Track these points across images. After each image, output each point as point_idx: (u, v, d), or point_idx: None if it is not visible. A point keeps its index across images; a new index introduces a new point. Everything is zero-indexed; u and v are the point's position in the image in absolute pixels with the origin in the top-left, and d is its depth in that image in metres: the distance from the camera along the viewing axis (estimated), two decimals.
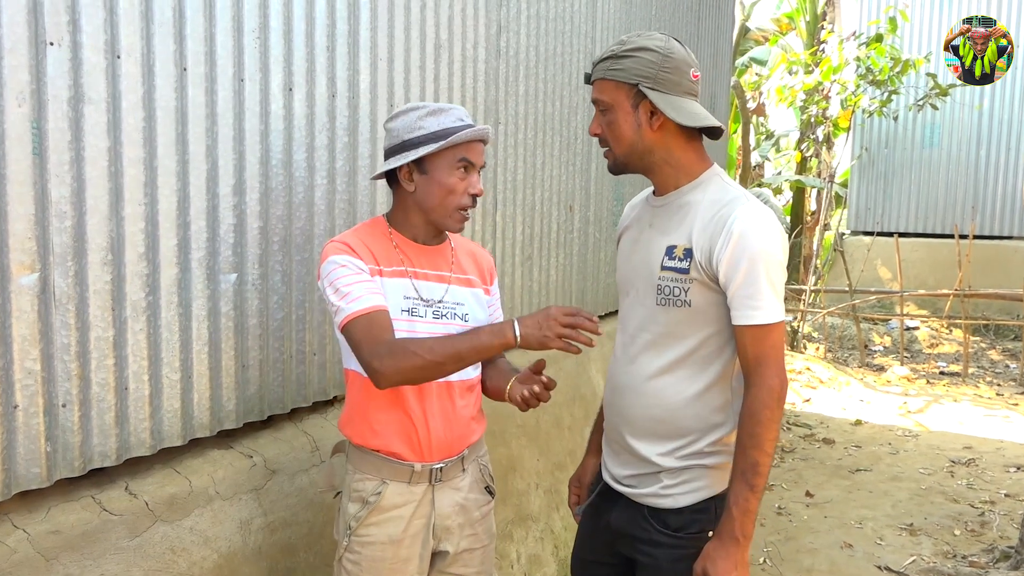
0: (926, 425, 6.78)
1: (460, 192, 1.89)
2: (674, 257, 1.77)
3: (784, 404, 1.72)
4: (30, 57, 1.59)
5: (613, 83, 1.77)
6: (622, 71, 1.74)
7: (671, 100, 1.74)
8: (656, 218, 1.87)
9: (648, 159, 1.82)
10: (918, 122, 11.03)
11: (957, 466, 5.65)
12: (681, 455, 1.81)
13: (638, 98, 1.75)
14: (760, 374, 1.69)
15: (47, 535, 1.66)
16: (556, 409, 3.80)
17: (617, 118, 1.78)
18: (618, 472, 1.93)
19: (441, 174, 1.87)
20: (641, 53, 1.73)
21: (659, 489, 1.83)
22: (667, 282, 1.78)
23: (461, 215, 1.92)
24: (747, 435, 1.69)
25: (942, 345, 9.86)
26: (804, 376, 8.22)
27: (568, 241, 4.08)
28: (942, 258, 10.62)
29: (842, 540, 4.28)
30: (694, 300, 1.76)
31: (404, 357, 1.73)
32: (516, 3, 3.39)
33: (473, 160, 1.89)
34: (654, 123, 1.77)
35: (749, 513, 1.67)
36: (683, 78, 1.75)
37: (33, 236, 1.62)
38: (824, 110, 10.94)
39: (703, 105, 1.83)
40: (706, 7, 6.17)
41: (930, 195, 11.11)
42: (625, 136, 1.79)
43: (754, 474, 1.67)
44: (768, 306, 1.69)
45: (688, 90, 1.77)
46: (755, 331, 1.70)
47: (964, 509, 4.81)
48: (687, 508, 1.80)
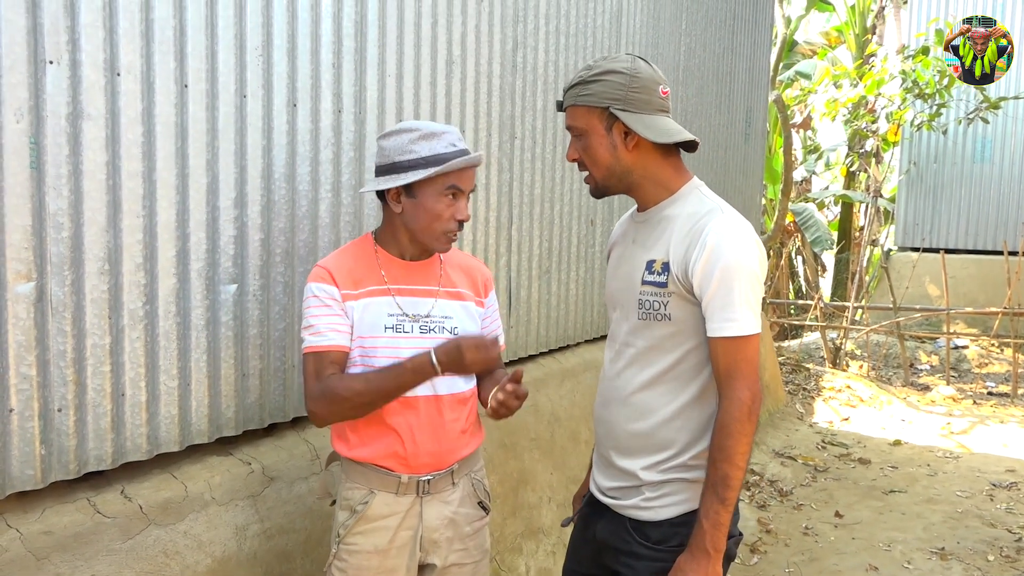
0: (968, 447, 6.58)
1: (446, 218, 1.92)
2: (653, 271, 1.79)
3: (756, 418, 1.71)
4: (29, 75, 1.66)
5: (585, 108, 1.80)
6: (592, 96, 1.78)
7: (643, 119, 1.76)
8: (639, 233, 1.89)
9: (627, 179, 1.84)
10: (968, 136, 10.77)
11: (997, 489, 5.48)
12: (663, 468, 1.81)
13: (610, 120, 1.78)
14: (731, 387, 1.69)
15: (39, 535, 1.72)
16: (573, 424, 3.80)
17: (592, 142, 1.81)
18: (604, 484, 1.94)
19: (428, 200, 1.90)
20: (609, 76, 1.76)
21: (640, 501, 1.83)
22: (647, 296, 1.80)
23: (447, 237, 1.96)
24: (717, 448, 1.69)
25: (991, 364, 9.58)
26: (844, 394, 8.06)
27: (589, 255, 4.08)
28: (992, 275, 10.32)
29: (868, 563, 4.18)
30: (674, 314, 1.77)
31: (334, 401, 1.84)
32: (534, 20, 3.42)
33: (462, 187, 1.92)
34: (629, 143, 1.79)
35: (720, 526, 1.67)
36: (652, 96, 1.77)
37: (30, 246, 1.69)
38: (871, 123, 10.76)
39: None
40: (741, 21, 6.13)
41: (980, 211, 10.82)
42: (602, 159, 1.82)
43: (724, 487, 1.67)
44: (741, 318, 1.69)
45: (659, 107, 1.79)
46: (727, 343, 1.70)
47: (1000, 534, 4.66)
48: (667, 521, 1.80)
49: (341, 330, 1.90)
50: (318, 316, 1.90)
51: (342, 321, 1.91)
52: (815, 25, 16.98)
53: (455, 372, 1.84)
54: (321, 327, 1.89)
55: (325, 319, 1.90)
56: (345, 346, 1.91)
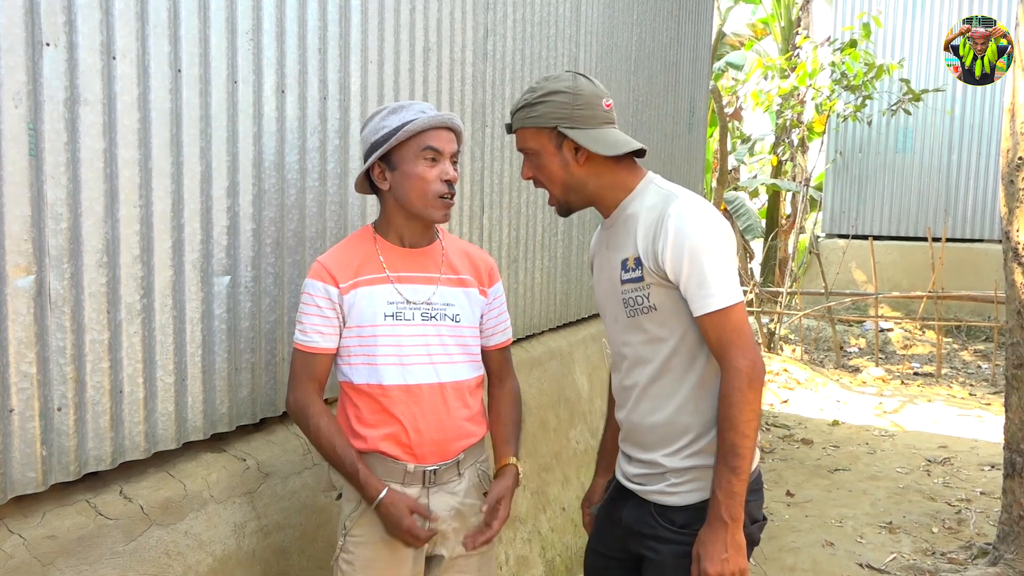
0: (902, 425, 6.87)
1: (432, 179, 1.92)
2: (628, 269, 1.85)
3: (760, 384, 1.73)
4: (27, 58, 1.58)
5: (533, 130, 1.86)
6: (539, 117, 1.83)
7: (589, 134, 1.82)
8: (610, 238, 1.95)
9: (585, 192, 1.89)
10: (891, 127, 11.19)
11: (933, 465, 5.74)
12: (686, 455, 1.85)
13: (559, 139, 1.84)
14: (727, 358, 1.73)
15: (43, 540, 1.65)
16: (541, 412, 3.82)
17: (544, 161, 1.87)
18: (629, 471, 1.98)
19: (408, 165, 1.91)
20: (552, 97, 1.82)
21: (665, 487, 1.87)
22: (629, 294, 1.85)
23: (442, 202, 1.94)
24: (722, 419, 1.73)
25: (916, 346, 10.00)
26: (782, 377, 8.30)
27: (552, 244, 4.10)
28: (915, 261, 10.77)
29: (823, 539, 4.33)
30: (658, 302, 1.81)
31: (299, 420, 1.96)
32: (503, 7, 3.41)
33: (439, 147, 1.92)
34: (579, 158, 1.85)
35: (734, 495, 1.70)
36: (596, 111, 1.83)
37: (29, 238, 1.61)
38: (799, 114, 11.06)
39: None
40: (686, 12, 6.22)
41: (903, 199, 11.27)
42: (556, 176, 1.87)
43: (733, 456, 1.70)
44: (719, 291, 1.72)
45: (604, 120, 1.84)
46: (713, 318, 1.73)
47: (941, 507, 4.88)
48: (692, 506, 1.83)
49: (325, 333, 1.93)
50: (308, 315, 1.94)
51: (329, 324, 1.93)
52: (741, 17, 17.35)
53: (382, 520, 1.90)
54: (307, 327, 1.93)
55: (312, 319, 1.93)
56: (328, 348, 1.95)
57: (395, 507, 1.87)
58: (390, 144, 1.89)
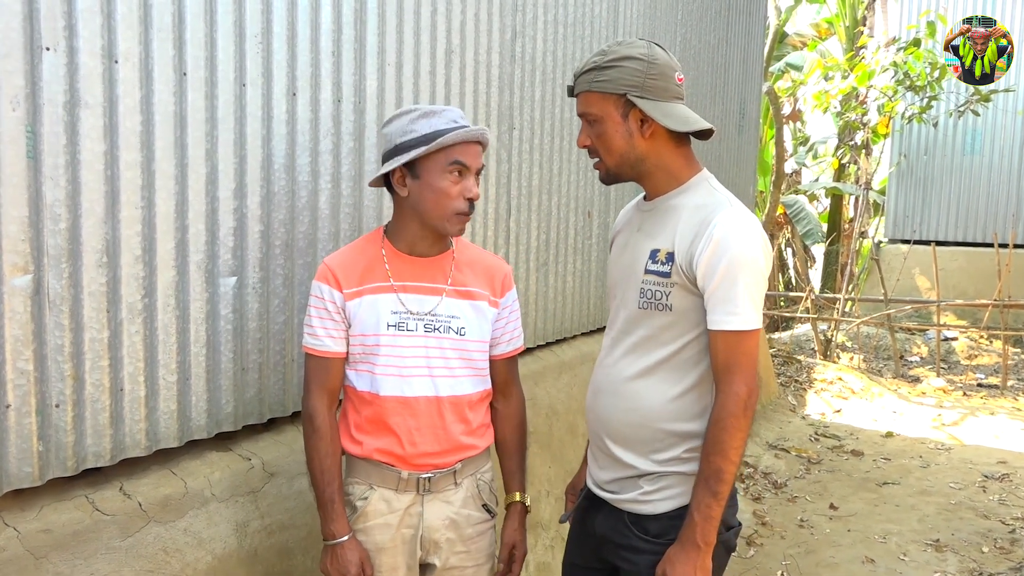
0: (960, 438, 6.61)
1: (454, 196, 1.86)
2: (657, 260, 1.77)
3: (752, 413, 1.69)
4: (25, 62, 1.62)
5: (600, 95, 1.76)
6: (608, 82, 1.73)
7: (661, 106, 1.73)
8: (644, 222, 1.87)
9: (640, 167, 1.81)
10: (959, 128, 10.79)
11: (990, 481, 5.50)
12: (659, 459, 1.79)
13: (627, 107, 1.74)
14: (728, 381, 1.68)
15: (37, 534, 1.69)
16: (571, 417, 3.78)
17: (607, 129, 1.77)
18: (600, 477, 1.92)
19: (433, 178, 1.84)
20: (626, 63, 1.72)
21: (639, 495, 1.82)
22: (649, 285, 1.78)
23: (459, 219, 1.89)
24: (712, 441, 1.68)
25: (981, 356, 9.63)
26: (836, 386, 8.07)
27: (586, 247, 4.06)
28: (982, 267, 10.36)
29: (864, 555, 4.19)
30: (675, 304, 1.75)
31: (304, 430, 1.94)
32: (532, 9, 3.38)
33: (467, 163, 1.86)
34: (645, 131, 1.76)
35: (711, 520, 1.66)
36: (669, 83, 1.74)
37: (26, 238, 1.64)
38: (862, 116, 10.76)
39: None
40: (736, 12, 6.10)
41: (970, 203, 10.86)
42: (617, 146, 1.78)
43: (717, 481, 1.66)
44: (745, 312, 1.67)
45: (675, 94, 1.76)
46: (728, 337, 1.68)
47: (994, 525, 4.68)
48: (665, 514, 1.79)
49: (335, 336, 1.92)
50: (316, 318, 1.92)
51: (337, 327, 1.91)
52: (805, 16, 16.97)
53: (328, 560, 1.90)
54: (318, 330, 1.92)
55: (324, 322, 1.91)
56: (339, 352, 1.93)
57: (350, 553, 1.88)
58: (418, 152, 1.82)
